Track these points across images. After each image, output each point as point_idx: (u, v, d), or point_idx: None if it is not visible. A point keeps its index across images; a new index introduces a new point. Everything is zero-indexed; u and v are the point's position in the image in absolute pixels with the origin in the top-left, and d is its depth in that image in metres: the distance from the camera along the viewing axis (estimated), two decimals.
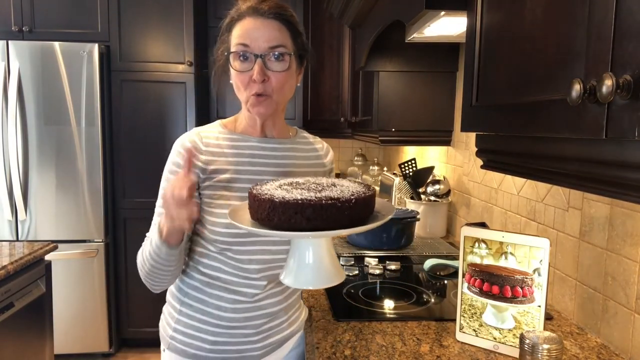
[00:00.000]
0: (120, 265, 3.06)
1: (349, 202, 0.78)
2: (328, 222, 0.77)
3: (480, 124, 0.92)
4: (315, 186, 0.85)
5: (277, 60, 1.03)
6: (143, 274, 1.07)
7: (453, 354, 1.05)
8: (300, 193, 0.80)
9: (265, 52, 1.02)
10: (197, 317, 1.09)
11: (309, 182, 0.89)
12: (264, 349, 1.13)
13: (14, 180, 2.80)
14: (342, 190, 0.82)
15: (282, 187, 0.85)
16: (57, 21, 2.90)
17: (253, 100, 1.04)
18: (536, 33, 0.72)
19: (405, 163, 2.29)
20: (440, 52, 2.07)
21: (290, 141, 1.16)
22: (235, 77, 1.05)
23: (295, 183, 0.88)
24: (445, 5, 1.12)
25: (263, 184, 0.88)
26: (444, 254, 1.85)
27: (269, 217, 0.79)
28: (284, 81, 1.05)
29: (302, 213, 0.76)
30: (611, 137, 0.54)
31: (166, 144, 3.03)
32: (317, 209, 0.76)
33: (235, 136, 1.11)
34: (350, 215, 0.79)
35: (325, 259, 0.85)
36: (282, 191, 0.81)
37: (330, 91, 3.26)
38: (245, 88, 1.04)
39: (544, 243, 0.98)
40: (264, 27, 1.03)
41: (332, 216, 0.77)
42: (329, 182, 0.89)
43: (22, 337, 1.82)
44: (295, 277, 0.85)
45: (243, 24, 1.04)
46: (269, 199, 0.79)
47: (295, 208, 0.76)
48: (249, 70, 1.02)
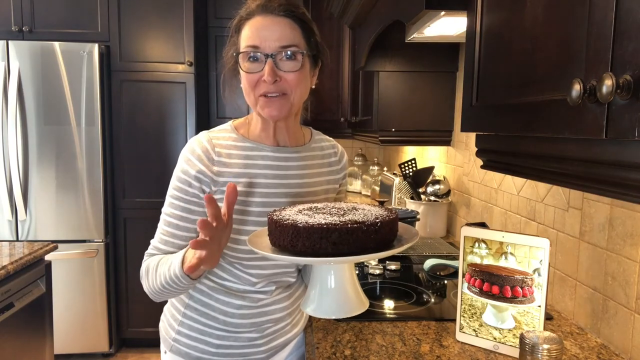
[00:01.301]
0: (120, 265, 3.06)
1: (374, 226, 0.76)
2: (354, 246, 0.75)
3: (480, 124, 0.92)
4: (336, 210, 0.83)
5: (288, 60, 0.97)
6: (149, 290, 1.02)
7: (453, 354, 1.05)
8: (323, 217, 0.78)
9: (276, 52, 0.96)
10: (202, 321, 1.08)
11: (329, 207, 0.87)
12: (269, 352, 1.13)
13: (14, 180, 2.80)
14: (365, 214, 0.80)
15: (302, 212, 0.82)
16: (57, 21, 2.91)
17: (263, 101, 0.99)
18: (536, 33, 0.72)
19: (405, 163, 2.29)
20: (440, 52, 2.07)
21: (304, 149, 1.11)
22: (244, 78, 0.99)
23: (315, 208, 0.86)
24: (445, 5, 1.12)
25: (282, 210, 0.86)
26: (444, 254, 1.85)
27: (293, 243, 0.76)
28: (298, 81, 0.98)
29: (327, 238, 0.74)
30: (611, 137, 0.54)
31: (166, 144, 3.03)
32: (343, 233, 0.74)
33: (248, 144, 1.05)
34: (376, 239, 0.77)
35: (348, 287, 0.83)
36: (303, 216, 0.79)
37: (330, 91, 3.26)
38: (254, 88, 0.98)
39: (544, 243, 0.98)
40: (275, 25, 0.97)
41: (358, 240, 0.75)
42: (349, 206, 0.87)
43: (22, 337, 1.82)
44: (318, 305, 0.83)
45: (252, 23, 0.98)
46: (292, 225, 0.76)
47: (320, 233, 0.74)
48: (258, 71, 0.97)
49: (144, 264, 1.04)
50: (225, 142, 1.04)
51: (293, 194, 1.06)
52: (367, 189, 3.39)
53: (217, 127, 1.09)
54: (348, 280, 0.83)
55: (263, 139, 1.07)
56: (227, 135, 1.06)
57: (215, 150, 1.02)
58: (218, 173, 1.01)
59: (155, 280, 0.99)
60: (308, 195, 1.09)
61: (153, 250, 1.05)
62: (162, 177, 3.00)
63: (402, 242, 0.82)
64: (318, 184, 1.11)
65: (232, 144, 1.04)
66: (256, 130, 1.07)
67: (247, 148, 1.05)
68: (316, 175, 1.12)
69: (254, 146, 1.05)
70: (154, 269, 1.00)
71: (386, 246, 0.78)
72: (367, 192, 3.39)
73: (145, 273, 1.02)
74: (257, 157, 1.05)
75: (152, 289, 1.01)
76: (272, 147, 1.06)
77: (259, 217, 1.03)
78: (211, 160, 1.01)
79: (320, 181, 1.12)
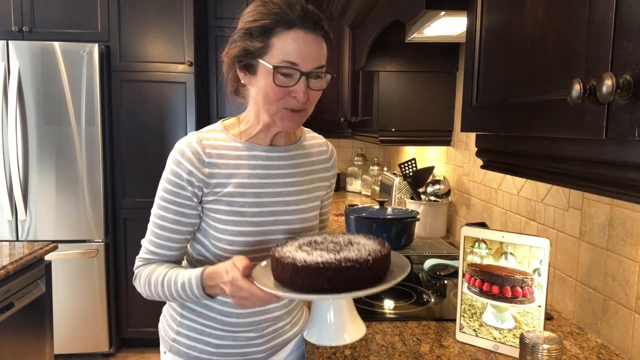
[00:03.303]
0: (120, 265, 3.06)
1: (367, 263, 0.82)
2: (349, 283, 0.82)
3: (480, 124, 0.92)
4: (333, 246, 0.90)
5: (317, 79, 0.98)
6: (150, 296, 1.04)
7: (453, 354, 1.05)
8: (320, 255, 0.84)
9: (311, 71, 0.96)
10: (200, 321, 1.08)
11: (327, 241, 0.94)
12: (268, 352, 1.13)
13: (14, 180, 2.80)
14: (359, 249, 0.87)
15: (302, 248, 0.89)
16: (57, 21, 2.90)
17: (285, 113, 0.98)
18: (536, 33, 0.72)
19: (405, 163, 2.29)
20: (440, 52, 2.07)
21: (295, 147, 1.12)
22: (272, 89, 0.96)
23: (314, 242, 0.93)
24: (445, 5, 1.12)
25: (284, 245, 0.93)
26: (444, 254, 1.85)
27: (292, 280, 0.83)
28: (317, 98, 1.01)
29: (323, 275, 0.81)
30: (611, 137, 0.54)
31: (166, 144, 3.03)
32: (338, 271, 0.81)
33: (239, 144, 1.05)
34: (369, 275, 0.83)
35: (346, 317, 0.90)
36: (302, 253, 0.86)
37: (330, 91, 3.26)
38: (279, 100, 0.97)
39: (544, 243, 0.98)
40: (315, 45, 0.96)
41: (352, 277, 0.82)
42: (345, 241, 0.94)
43: (22, 337, 1.82)
44: (319, 335, 0.90)
45: (293, 37, 0.94)
46: (292, 263, 0.83)
47: (317, 271, 0.81)
48: (290, 86, 0.95)
49: (142, 272, 1.04)
50: (215, 142, 1.03)
51: (285, 192, 1.07)
52: (367, 189, 3.39)
53: (205, 127, 1.08)
54: (346, 312, 0.90)
55: (259, 140, 1.07)
56: (217, 136, 1.05)
57: (206, 152, 1.01)
58: (209, 175, 1.00)
59: (157, 291, 1.01)
60: (299, 194, 1.09)
61: (149, 255, 1.05)
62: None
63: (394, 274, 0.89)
64: (309, 182, 1.12)
65: (223, 144, 1.04)
66: (252, 131, 1.06)
67: (238, 148, 1.04)
68: (307, 174, 1.12)
69: (245, 146, 1.05)
70: (159, 283, 1.01)
71: (378, 280, 0.86)
72: (367, 192, 3.39)
73: (146, 283, 1.02)
74: (248, 157, 1.04)
75: (154, 297, 1.03)
76: (263, 147, 1.06)
77: (253, 217, 1.03)
78: (202, 162, 1.00)
79: (311, 179, 1.13)
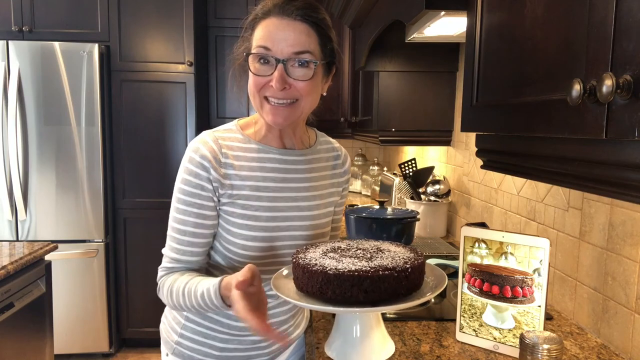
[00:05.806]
0: (120, 265, 3.06)
1: (405, 272, 0.74)
2: (385, 294, 0.72)
3: (480, 124, 0.92)
4: (362, 252, 0.81)
5: (300, 67, 0.93)
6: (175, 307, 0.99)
7: (453, 354, 1.05)
8: (351, 262, 0.75)
9: (288, 58, 0.92)
10: (205, 324, 1.07)
11: (353, 247, 0.84)
12: (271, 354, 1.13)
13: (14, 180, 2.80)
14: (393, 256, 0.78)
15: (327, 255, 0.80)
16: (57, 21, 2.91)
17: (268, 108, 0.95)
18: (536, 33, 0.72)
19: (405, 163, 2.29)
20: (440, 52, 2.07)
21: (311, 151, 1.10)
22: (251, 79, 0.95)
23: (339, 249, 0.83)
24: (445, 5, 1.12)
25: (305, 251, 0.83)
26: (444, 254, 1.84)
27: (322, 290, 0.74)
28: (309, 90, 0.95)
29: (359, 286, 0.71)
30: (611, 137, 0.54)
31: (166, 143, 3.03)
32: (375, 280, 0.71)
33: (255, 146, 1.02)
34: (407, 285, 0.74)
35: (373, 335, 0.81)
36: (330, 260, 0.76)
37: (330, 91, 3.25)
38: (259, 90, 0.95)
39: (544, 243, 0.98)
40: (290, 29, 0.92)
41: (390, 287, 0.72)
42: (373, 247, 0.84)
43: (22, 337, 1.82)
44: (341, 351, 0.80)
45: (267, 23, 0.94)
46: (322, 272, 0.73)
47: (351, 281, 0.71)
48: (267, 75, 0.93)
49: (165, 282, 1.00)
50: (231, 143, 1.01)
51: (300, 197, 1.05)
52: (367, 189, 3.39)
53: (221, 126, 1.05)
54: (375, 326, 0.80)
55: (270, 141, 1.04)
56: (233, 136, 1.02)
57: (222, 152, 0.98)
58: (225, 175, 0.98)
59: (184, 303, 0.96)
60: (314, 199, 1.08)
61: (171, 263, 1.00)
62: (162, 177, 3.00)
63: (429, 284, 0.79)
64: (323, 187, 1.11)
65: (239, 146, 1.01)
66: (262, 132, 1.04)
67: (254, 150, 1.02)
68: (322, 179, 1.11)
69: (261, 148, 1.02)
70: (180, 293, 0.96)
71: (416, 291, 0.76)
72: (367, 192, 3.39)
73: (169, 293, 0.98)
74: (265, 159, 1.02)
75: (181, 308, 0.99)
76: (279, 150, 1.04)
77: (267, 222, 1.01)
78: (218, 162, 0.97)
79: (325, 184, 1.11)
